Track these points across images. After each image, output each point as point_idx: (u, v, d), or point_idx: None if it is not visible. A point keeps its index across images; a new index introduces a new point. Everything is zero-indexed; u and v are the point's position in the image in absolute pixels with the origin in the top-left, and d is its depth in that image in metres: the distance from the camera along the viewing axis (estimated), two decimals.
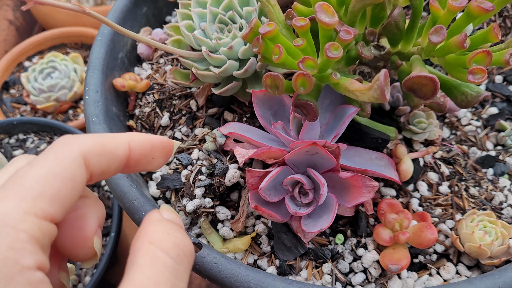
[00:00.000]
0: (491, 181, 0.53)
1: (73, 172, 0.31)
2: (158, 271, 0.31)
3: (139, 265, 0.31)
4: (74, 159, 0.31)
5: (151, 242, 0.32)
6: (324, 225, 0.43)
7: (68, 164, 0.31)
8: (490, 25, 0.42)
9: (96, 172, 0.33)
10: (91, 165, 0.33)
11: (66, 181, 0.30)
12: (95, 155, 0.33)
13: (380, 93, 0.38)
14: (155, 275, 0.30)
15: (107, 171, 0.35)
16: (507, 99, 0.60)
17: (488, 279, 0.41)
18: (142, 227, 0.35)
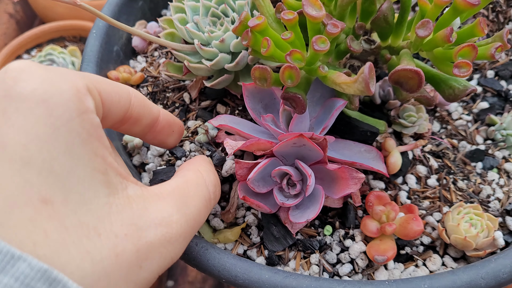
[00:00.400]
0: (480, 174, 0.54)
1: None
2: (199, 194, 0.39)
3: (187, 179, 0.40)
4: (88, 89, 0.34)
5: (201, 171, 0.41)
6: (311, 216, 0.44)
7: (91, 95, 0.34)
8: (477, 19, 0.42)
9: (105, 108, 0.37)
10: (98, 92, 0.36)
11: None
12: (107, 92, 0.37)
13: (364, 85, 0.39)
14: (195, 193, 0.39)
15: (109, 113, 0.38)
16: (498, 94, 0.60)
17: (471, 270, 0.41)
18: (195, 158, 0.45)
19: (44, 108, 0.30)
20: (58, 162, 0.29)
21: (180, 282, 0.99)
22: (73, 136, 0.31)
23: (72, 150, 0.30)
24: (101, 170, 0.32)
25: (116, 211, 0.32)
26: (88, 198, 0.31)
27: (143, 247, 0.33)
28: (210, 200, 0.40)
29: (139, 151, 0.57)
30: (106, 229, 0.31)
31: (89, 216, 0.30)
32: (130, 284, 0.32)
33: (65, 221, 0.28)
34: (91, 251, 0.29)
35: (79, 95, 0.32)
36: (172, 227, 0.35)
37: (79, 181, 0.30)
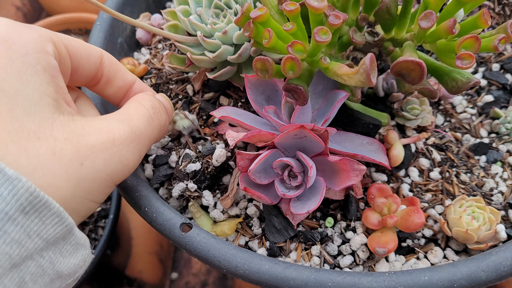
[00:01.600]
0: (483, 168, 0.54)
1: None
2: (139, 113, 0.43)
3: (126, 107, 0.44)
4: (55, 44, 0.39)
5: (139, 101, 0.45)
6: (312, 207, 0.44)
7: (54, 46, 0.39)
8: (480, 11, 0.42)
9: (73, 65, 0.42)
10: (73, 55, 0.42)
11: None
12: (71, 45, 0.42)
13: (366, 77, 0.39)
14: (137, 112, 0.43)
15: (79, 67, 0.43)
16: (503, 87, 0.60)
17: (472, 262, 0.41)
18: (137, 95, 0.47)
19: (3, 45, 0.35)
20: (8, 83, 0.34)
21: (184, 274, 0.99)
22: (26, 66, 0.36)
23: (23, 76, 0.35)
24: (51, 95, 0.37)
25: (59, 123, 0.36)
26: (33, 112, 0.35)
27: (83, 148, 0.36)
28: (151, 118, 0.44)
29: None
30: (46, 134, 0.35)
31: (32, 124, 0.34)
32: (71, 178, 0.35)
33: (7, 126, 0.33)
34: (28, 149, 0.33)
35: (40, 39, 0.38)
36: (114, 133, 0.39)
37: (27, 98, 0.35)
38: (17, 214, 0.30)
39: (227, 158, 0.52)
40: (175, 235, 0.45)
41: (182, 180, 0.51)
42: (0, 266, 0.29)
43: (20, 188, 0.30)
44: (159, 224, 0.46)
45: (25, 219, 0.31)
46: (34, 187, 0.31)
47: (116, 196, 0.73)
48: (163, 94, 0.51)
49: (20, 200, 0.30)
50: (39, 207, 0.31)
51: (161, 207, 0.46)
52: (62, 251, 0.35)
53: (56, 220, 0.33)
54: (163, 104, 0.48)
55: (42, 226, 0.32)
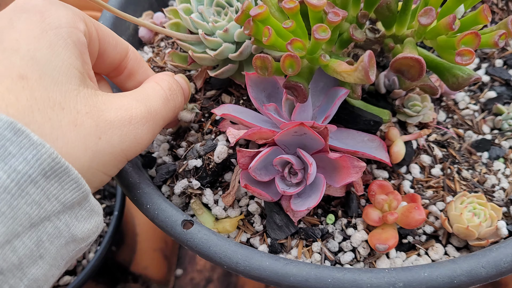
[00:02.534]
0: (485, 164, 0.53)
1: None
2: (156, 93, 0.45)
3: (144, 87, 0.46)
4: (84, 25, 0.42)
5: (157, 82, 0.47)
6: (312, 204, 0.44)
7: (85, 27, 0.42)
8: (480, 7, 0.42)
9: (101, 49, 0.45)
10: (96, 29, 0.44)
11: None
12: (101, 30, 0.45)
13: (364, 74, 0.39)
14: (153, 93, 0.45)
15: (105, 52, 0.46)
16: (506, 83, 0.60)
17: (472, 258, 0.41)
18: (157, 74, 0.50)
19: (39, 16, 0.38)
20: (40, 52, 0.37)
21: (189, 270, 1.00)
22: (57, 38, 0.38)
23: (54, 47, 0.38)
24: (78, 68, 0.39)
25: (83, 96, 0.38)
26: (60, 82, 0.37)
27: (102, 123, 0.39)
28: (167, 99, 0.46)
29: None
30: (70, 106, 0.37)
31: (58, 94, 0.36)
32: (88, 151, 0.37)
33: (35, 93, 0.35)
34: (52, 118, 0.35)
35: (73, 16, 0.40)
36: (132, 111, 0.41)
37: (55, 68, 0.37)
38: (39, 177, 0.32)
39: (229, 155, 0.52)
40: (176, 232, 0.45)
41: (185, 177, 0.52)
42: (20, 224, 0.31)
43: (44, 153, 0.32)
44: (161, 221, 0.46)
45: (45, 183, 0.32)
46: (56, 153, 0.33)
47: (121, 193, 0.73)
48: (182, 75, 0.53)
49: (43, 164, 0.32)
50: (59, 173, 0.33)
51: (162, 204, 0.47)
52: (78, 215, 0.36)
53: (74, 186, 0.35)
54: (180, 86, 0.50)
55: (61, 190, 0.34)
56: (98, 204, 0.39)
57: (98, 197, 0.75)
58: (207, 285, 0.97)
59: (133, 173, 0.50)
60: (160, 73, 0.50)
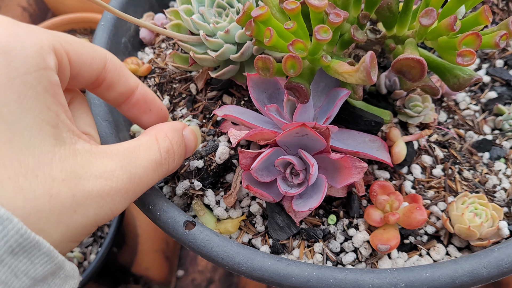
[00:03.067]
0: (486, 164, 0.53)
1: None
2: (149, 155, 0.41)
3: (140, 143, 0.41)
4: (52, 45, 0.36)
5: (157, 138, 0.43)
6: (314, 205, 0.44)
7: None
8: (481, 8, 0.42)
9: (73, 68, 0.40)
10: (66, 53, 0.38)
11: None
12: (73, 50, 0.39)
13: (366, 74, 0.39)
14: (145, 155, 0.40)
15: (79, 74, 0.41)
16: (506, 83, 0.60)
17: (474, 259, 0.41)
18: (163, 124, 0.45)
19: (3, 58, 0.32)
20: (8, 108, 0.32)
21: (190, 271, 1.00)
22: (27, 87, 0.33)
23: (24, 100, 0.33)
24: (52, 123, 0.35)
25: (58, 159, 0.34)
26: (32, 144, 0.33)
27: (80, 194, 0.34)
28: (161, 164, 0.42)
29: None
30: (44, 172, 0.33)
31: (31, 158, 0.32)
32: (61, 225, 0.34)
33: (4, 159, 0.31)
34: (25, 189, 0.31)
35: (41, 51, 0.35)
36: (112, 180, 0.37)
37: (26, 128, 0.33)
38: (5, 255, 0.29)
39: (230, 156, 0.52)
40: (178, 233, 0.45)
41: (186, 178, 0.52)
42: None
43: (11, 229, 0.29)
44: (163, 222, 0.46)
45: (13, 260, 0.30)
46: (25, 228, 0.30)
47: None
48: (195, 128, 0.48)
49: (10, 241, 0.29)
50: (29, 248, 0.31)
51: (164, 205, 0.47)
52: (51, 284, 0.34)
53: (46, 259, 0.32)
54: (183, 146, 0.45)
55: (30, 265, 0.31)
56: (74, 267, 0.37)
57: None
58: (208, 286, 0.98)
59: None
60: (167, 124, 0.45)
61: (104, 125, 0.53)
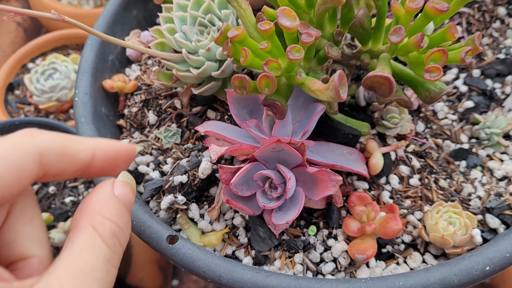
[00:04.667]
0: (463, 173, 0.55)
1: (24, 163, 0.32)
2: (96, 257, 0.33)
3: (80, 247, 0.33)
4: (29, 151, 0.33)
5: (94, 227, 0.35)
6: (291, 218, 0.46)
7: (21, 153, 0.32)
8: (447, 25, 0.43)
9: (51, 171, 0.35)
10: (47, 163, 0.34)
11: (13, 168, 0.32)
12: (55, 154, 0.34)
13: (335, 93, 0.40)
14: (93, 261, 0.33)
15: (64, 172, 0.36)
16: (483, 92, 0.61)
17: (445, 267, 0.43)
18: (90, 199, 0.36)
19: None
20: None
21: (184, 281, 1.01)
22: None
23: None
24: None
25: None
26: None
27: None
28: (112, 256, 0.35)
29: None
30: None
31: None
32: None
33: None
34: None
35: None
36: None
37: None
38: None
39: (213, 171, 0.54)
40: (162, 247, 0.47)
41: (171, 192, 0.53)
42: None
43: None
44: (147, 237, 0.48)
45: None
46: None
47: None
48: (123, 180, 0.39)
49: None
50: None
51: (148, 220, 0.49)
52: None
53: None
54: (123, 210, 0.37)
55: None
56: None
57: None
58: None
59: None
60: (96, 199, 0.36)
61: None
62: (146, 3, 0.73)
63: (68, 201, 0.76)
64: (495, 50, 0.65)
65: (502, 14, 0.68)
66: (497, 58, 0.64)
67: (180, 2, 0.58)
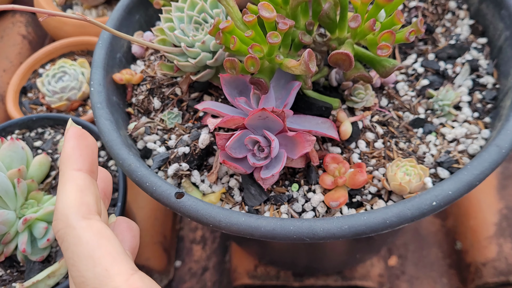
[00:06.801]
0: (420, 138, 0.66)
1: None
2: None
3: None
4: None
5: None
6: (275, 171, 0.56)
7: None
8: (394, 12, 0.54)
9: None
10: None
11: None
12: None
13: (306, 66, 0.51)
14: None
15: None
16: (436, 72, 0.72)
17: (401, 204, 0.53)
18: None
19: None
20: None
21: (186, 261, 1.11)
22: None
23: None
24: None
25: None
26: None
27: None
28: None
29: (142, 137, 0.70)
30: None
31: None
32: None
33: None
34: None
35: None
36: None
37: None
38: None
39: (211, 142, 0.64)
40: (171, 202, 0.57)
41: (176, 162, 0.64)
42: None
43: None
44: (159, 194, 0.58)
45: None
46: None
47: (123, 187, 0.85)
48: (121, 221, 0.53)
49: None
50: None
51: (159, 181, 0.59)
52: None
53: None
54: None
55: None
56: None
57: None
58: (204, 273, 1.09)
59: (134, 160, 0.61)
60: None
61: (107, 124, 0.65)
62: (147, 8, 0.84)
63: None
64: (447, 37, 0.77)
65: (453, 7, 0.80)
66: (449, 44, 0.76)
67: (178, 4, 0.69)
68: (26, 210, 0.78)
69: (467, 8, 0.80)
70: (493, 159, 0.56)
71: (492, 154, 0.56)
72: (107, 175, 0.59)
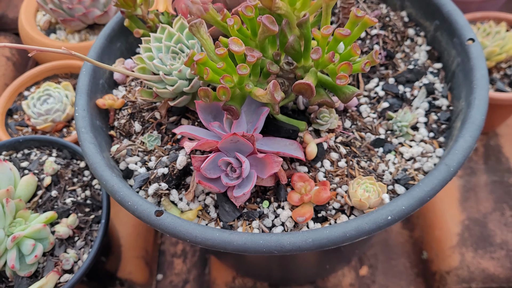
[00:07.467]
0: (380, 157, 0.72)
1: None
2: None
3: None
4: None
5: None
6: (246, 190, 0.61)
7: None
8: (351, 45, 0.61)
9: None
10: None
11: None
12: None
13: (271, 96, 0.57)
14: None
15: None
16: (396, 95, 0.79)
17: (359, 219, 0.59)
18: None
19: None
20: None
21: (168, 274, 1.15)
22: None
23: None
24: None
25: None
26: None
27: None
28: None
29: (124, 159, 0.75)
30: None
31: None
32: None
33: None
34: None
35: None
36: None
37: None
38: None
39: (188, 163, 0.69)
40: (151, 219, 0.62)
41: (156, 182, 0.69)
42: None
43: None
44: (140, 213, 0.63)
45: None
46: None
47: (106, 205, 0.89)
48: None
49: None
50: None
51: (140, 200, 0.64)
52: None
53: None
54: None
55: None
56: None
57: (88, 209, 0.90)
58: (184, 286, 1.13)
59: (117, 181, 0.66)
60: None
61: (91, 147, 0.70)
62: (127, 36, 0.89)
63: (69, 201, 0.90)
64: (406, 62, 0.84)
65: (412, 34, 0.87)
66: (407, 69, 0.82)
67: (156, 35, 0.74)
68: (15, 228, 0.82)
69: (424, 35, 0.87)
70: (442, 176, 0.62)
71: (442, 172, 0.63)
72: None
